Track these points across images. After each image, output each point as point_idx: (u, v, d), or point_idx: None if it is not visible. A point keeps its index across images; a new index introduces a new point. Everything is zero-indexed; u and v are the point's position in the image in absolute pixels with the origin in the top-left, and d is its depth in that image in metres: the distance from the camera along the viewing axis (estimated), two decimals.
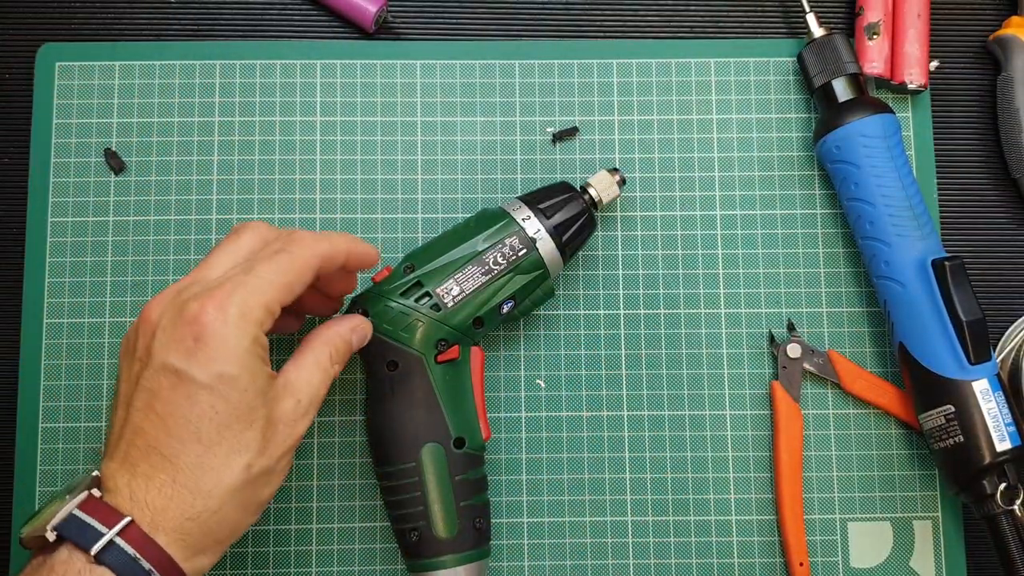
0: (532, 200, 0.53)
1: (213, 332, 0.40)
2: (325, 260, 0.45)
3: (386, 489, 0.51)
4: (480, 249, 0.52)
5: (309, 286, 0.44)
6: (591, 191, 0.55)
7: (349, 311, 0.52)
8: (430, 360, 0.51)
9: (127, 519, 0.38)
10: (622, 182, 0.56)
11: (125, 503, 0.39)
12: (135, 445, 0.40)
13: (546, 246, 0.52)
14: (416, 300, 0.51)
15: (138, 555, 0.38)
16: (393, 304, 0.51)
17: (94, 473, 0.41)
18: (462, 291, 0.51)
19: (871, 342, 0.58)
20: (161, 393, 0.40)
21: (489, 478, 0.55)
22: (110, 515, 0.39)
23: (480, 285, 0.51)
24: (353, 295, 0.53)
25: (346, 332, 0.47)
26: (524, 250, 0.52)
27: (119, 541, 0.38)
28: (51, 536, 0.39)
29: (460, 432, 0.51)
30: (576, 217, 0.53)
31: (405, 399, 0.50)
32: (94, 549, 0.38)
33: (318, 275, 0.45)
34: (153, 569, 0.38)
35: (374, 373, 0.51)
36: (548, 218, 0.53)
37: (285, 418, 0.42)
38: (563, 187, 0.54)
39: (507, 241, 0.52)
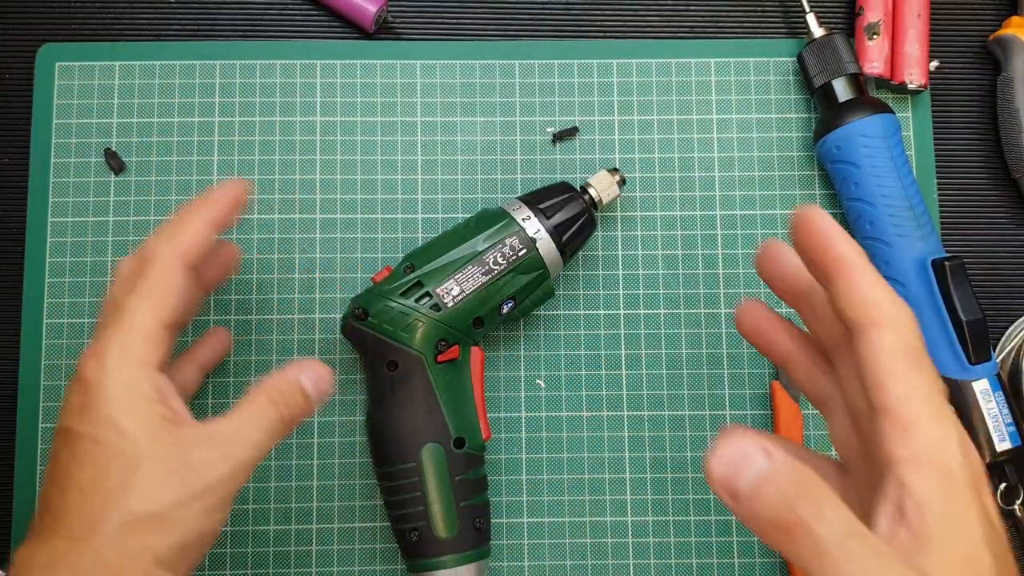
0: (532, 200, 0.53)
1: (93, 384, 0.40)
2: (187, 254, 0.43)
3: (386, 489, 0.51)
4: (480, 249, 0.52)
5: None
6: (591, 191, 0.55)
7: (349, 312, 0.52)
8: (430, 360, 0.51)
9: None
10: (622, 182, 0.56)
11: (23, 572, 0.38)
12: (39, 516, 0.40)
13: (546, 246, 0.52)
14: (416, 300, 0.51)
15: None
16: (393, 304, 0.51)
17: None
18: (462, 291, 0.51)
19: None
20: (56, 456, 0.40)
21: (489, 478, 0.55)
22: None
23: (480, 285, 0.51)
24: (352, 295, 0.53)
25: (291, 373, 0.42)
26: (524, 250, 0.52)
27: None
28: None
29: (460, 432, 0.51)
30: (576, 217, 0.53)
31: (405, 399, 0.50)
32: None
33: (193, 268, 0.43)
34: None
35: (374, 373, 0.51)
36: (548, 218, 0.53)
37: (188, 466, 0.39)
38: (563, 187, 0.54)
39: (507, 241, 0.52)
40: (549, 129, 0.60)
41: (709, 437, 0.57)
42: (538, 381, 0.58)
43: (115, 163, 0.59)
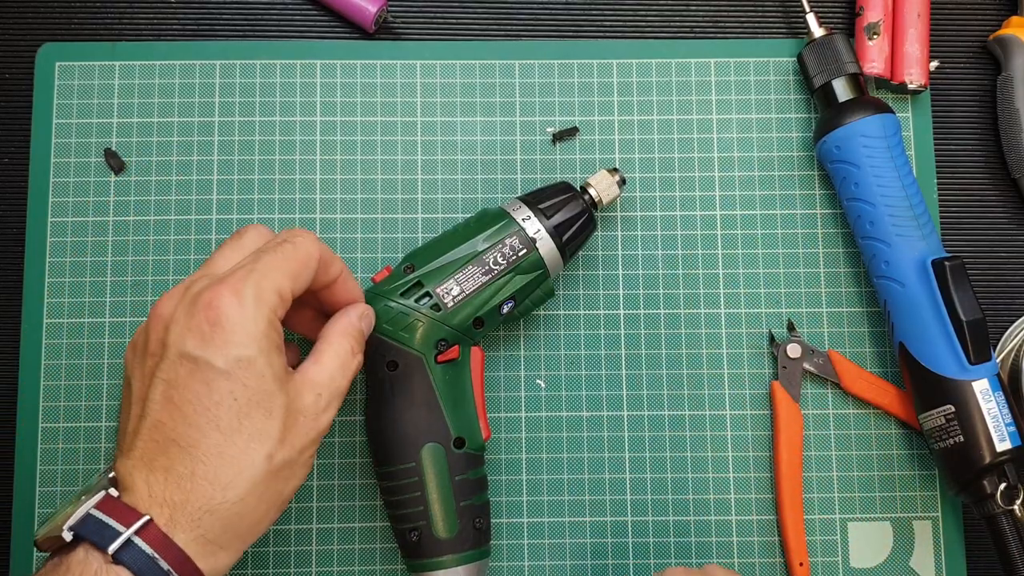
0: (532, 200, 0.53)
1: (229, 316, 0.40)
2: (324, 256, 0.45)
3: (386, 489, 0.51)
4: (480, 249, 0.52)
5: (307, 304, 0.46)
6: (591, 191, 0.55)
7: None
8: (430, 360, 0.51)
9: (146, 518, 0.38)
10: (622, 182, 0.56)
11: (143, 501, 0.39)
12: (153, 440, 0.40)
13: (546, 246, 0.52)
14: (416, 300, 0.51)
15: (156, 554, 0.37)
16: (393, 304, 0.51)
17: (110, 474, 0.41)
18: (462, 291, 0.51)
19: (871, 342, 0.58)
20: (179, 382, 0.40)
21: (489, 478, 0.55)
22: (128, 514, 0.38)
23: (480, 285, 0.51)
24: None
25: (356, 320, 0.47)
26: (524, 250, 0.52)
27: (137, 540, 0.37)
28: (67, 536, 0.38)
29: (460, 432, 0.51)
30: (576, 217, 0.53)
31: (405, 399, 0.50)
32: (111, 548, 0.37)
33: (316, 280, 0.45)
34: (172, 569, 0.38)
35: (374, 373, 0.51)
36: (548, 218, 0.53)
37: (306, 411, 0.42)
38: (563, 187, 0.54)
39: (507, 241, 0.52)
40: (549, 129, 0.60)
41: (709, 437, 0.57)
42: (538, 381, 0.58)
43: (115, 163, 0.59)
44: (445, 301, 0.51)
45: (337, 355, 0.44)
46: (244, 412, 0.40)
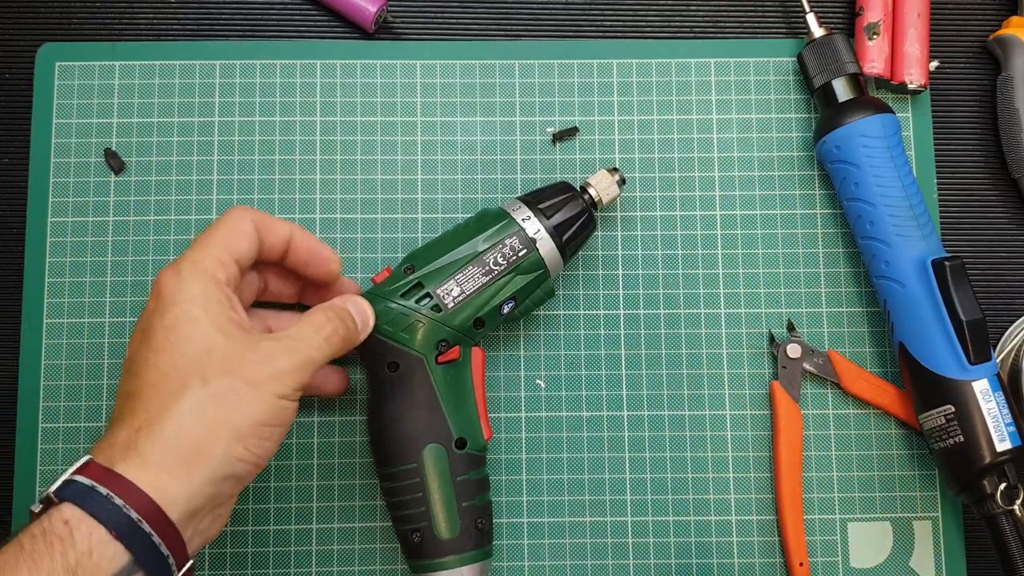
0: (532, 200, 0.53)
1: (167, 286, 0.43)
2: (259, 219, 0.47)
3: (387, 490, 0.51)
4: (480, 250, 0.52)
5: (281, 268, 0.50)
6: (591, 191, 0.55)
7: None
8: (431, 361, 0.51)
9: (85, 458, 0.40)
10: (622, 182, 0.56)
11: (97, 453, 0.41)
12: (118, 413, 0.42)
13: (546, 246, 0.52)
14: (416, 301, 0.51)
15: (94, 483, 0.39)
16: (393, 305, 0.51)
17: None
18: (463, 292, 0.51)
19: (871, 342, 0.58)
20: (134, 355, 0.43)
21: (489, 478, 0.55)
22: (82, 467, 0.40)
23: (481, 286, 0.51)
24: None
25: (339, 301, 0.48)
26: (524, 250, 0.52)
27: (77, 478, 0.39)
28: (35, 508, 0.40)
29: (462, 433, 0.51)
30: (576, 217, 0.53)
31: (406, 400, 0.50)
32: (51, 489, 0.39)
33: (266, 243, 0.48)
34: (112, 493, 0.38)
35: (375, 374, 0.51)
36: (548, 218, 0.53)
37: (258, 350, 0.43)
38: (563, 187, 0.54)
39: (507, 241, 0.52)
40: (549, 129, 0.60)
41: (709, 437, 0.57)
42: (538, 381, 0.58)
43: (115, 163, 0.59)
44: (446, 302, 0.51)
45: (306, 318, 0.46)
46: (179, 352, 0.42)
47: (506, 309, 0.52)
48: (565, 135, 0.60)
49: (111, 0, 0.61)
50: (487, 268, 0.51)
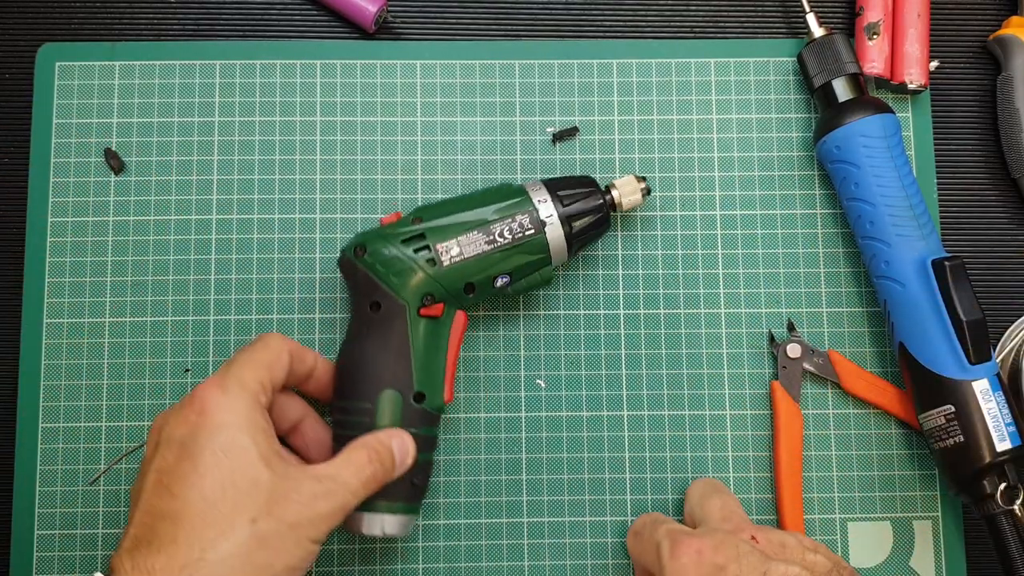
0: (553, 185, 0.53)
1: (214, 402, 0.43)
2: (294, 348, 0.49)
3: (338, 422, 0.51)
4: (489, 218, 0.52)
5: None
6: (614, 192, 0.55)
7: (349, 246, 0.52)
8: (412, 311, 0.51)
9: None
10: (647, 192, 0.56)
11: (124, 574, 0.40)
12: (143, 524, 0.41)
13: (554, 232, 0.53)
14: (415, 251, 0.51)
15: None
16: (392, 248, 0.51)
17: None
18: (461, 253, 0.51)
19: (871, 342, 0.58)
20: (168, 467, 0.42)
21: (490, 479, 0.55)
22: None
23: (480, 252, 0.52)
24: (357, 239, 0.52)
25: (384, 437, 0.48)
26: (532, 230, 0.52)
27: None
28: None
29: (423, 387, 0.51)
30: (591, 212, 0.53)
31: (379, 341, 0.51)
32: None
33: (294, 371, 0.49)
34: None
35: (357, 310, 0.52)
36: (564, 206, 0.53)
37: (300, 491, 0.43)
38: (587, 181, 0.54)
39: (518, 218, 0.52)
40: (549, 129, 0.60)
41: (709, 437, 0.57)
42: (538, 381, 0.58)
43: (115, 163, 0.59)
44: (442, 258, 0.51)
45: (348, 458, 0.46)
46: (229, 482, 0.41)
47: (499, 282, 0.53)
48: (565, 135, 0.60)
49: (111, 0, 0.61)
50: (491, 238, 0.52)
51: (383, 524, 0.50)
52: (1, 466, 0.57)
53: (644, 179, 0.56)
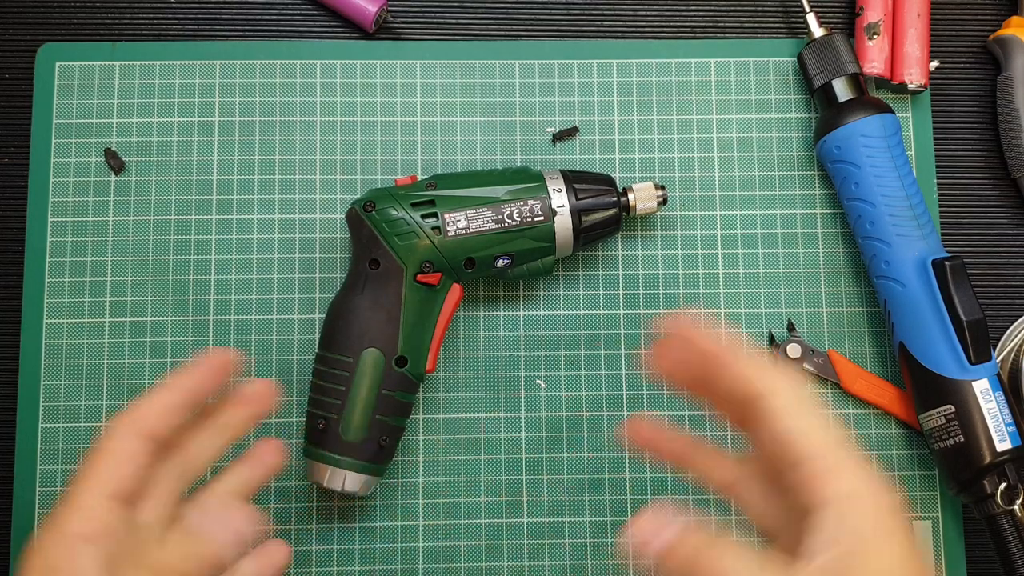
0: (571, 177, 0.54)
1: (42, 558, 0.38)
2: (143, 428, 0.40)
3: (317, 372, 0.52)
4: (502, 198, 0.52)
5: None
6: (630, 195, 0.55)
7: (359, 200, 0.52)
8: (409, 275, 0.52)
9: None
10: (663, 201, 0.56)
11: None
12: None
13: (563, 223, 0.53)
14: (423, 216, 0.52)
15: None
16: (400, 209, 0.52)
17: None
18: (468, 227, 0.52)
19: (871, 342, 0.58)
20: None
21: (489, 478, 0.55)
22: None
23: (487, 229, 0.52)
24: (369, 195, 0.53)
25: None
26: (541, 217, 0.52)
27: None
28: None
29: (406, 352, 0.52)
30: (603, 209, 0.54)
31: (370, 299, 0.51)
32: None
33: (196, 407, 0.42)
34: None
35: (356, 265, 0.53)
36: (578, 199, 0.53)
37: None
38: (605, 179, 0.55)
39: (530, 202, 0.52)
40: (549, 129, 0.60)
41: (709, 437, 0.57)
42: (538, 381, 0.58)
43: (115, 163, 0.59)
44: (448, 228, 0.52)
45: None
46: None
47: (500, 263, 0.53)
48: (565, 135, 0.60)
49: (111, 0, 0.61)
50: (500, 217, 0.52)
51: (344, 480, 0.51)
52: (1, 466, 0.57)
53: (663, 188, 0.56)
